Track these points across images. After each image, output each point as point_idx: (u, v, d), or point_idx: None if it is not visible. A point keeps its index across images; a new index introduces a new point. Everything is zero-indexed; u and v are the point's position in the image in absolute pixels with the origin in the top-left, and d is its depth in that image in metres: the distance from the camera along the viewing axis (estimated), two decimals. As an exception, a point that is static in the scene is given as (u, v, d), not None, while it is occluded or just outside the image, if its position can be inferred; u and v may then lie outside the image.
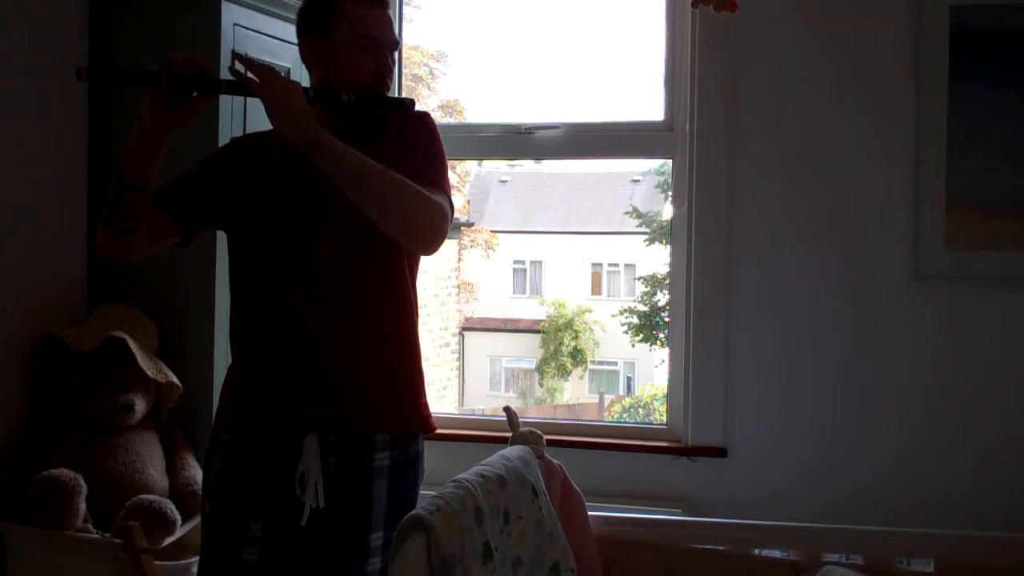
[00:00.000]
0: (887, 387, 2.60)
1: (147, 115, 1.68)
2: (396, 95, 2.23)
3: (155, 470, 2.51)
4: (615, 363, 12.94)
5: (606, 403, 11.65)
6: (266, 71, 1.68)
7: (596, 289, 13.70)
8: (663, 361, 10.16)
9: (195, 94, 1.70)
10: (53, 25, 2.61)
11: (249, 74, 1.68)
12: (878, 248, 2.61)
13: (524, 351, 13.12)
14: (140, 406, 2.52)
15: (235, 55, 1.75)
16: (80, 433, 2.49)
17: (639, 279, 12.14)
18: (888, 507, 2.53)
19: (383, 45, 1.84)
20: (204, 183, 1.88)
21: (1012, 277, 2.54)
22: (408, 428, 1.85)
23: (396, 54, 1.92)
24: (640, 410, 10.61)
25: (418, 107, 1.88)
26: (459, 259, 11.24)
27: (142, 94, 1.68)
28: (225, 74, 1.77)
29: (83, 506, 2.33)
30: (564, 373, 12.53)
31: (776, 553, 2.15)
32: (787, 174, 2.65)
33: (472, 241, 12.28)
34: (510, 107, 15.03)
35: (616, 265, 13.68)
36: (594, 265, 13.80)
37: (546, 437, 2.24)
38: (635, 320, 11.27)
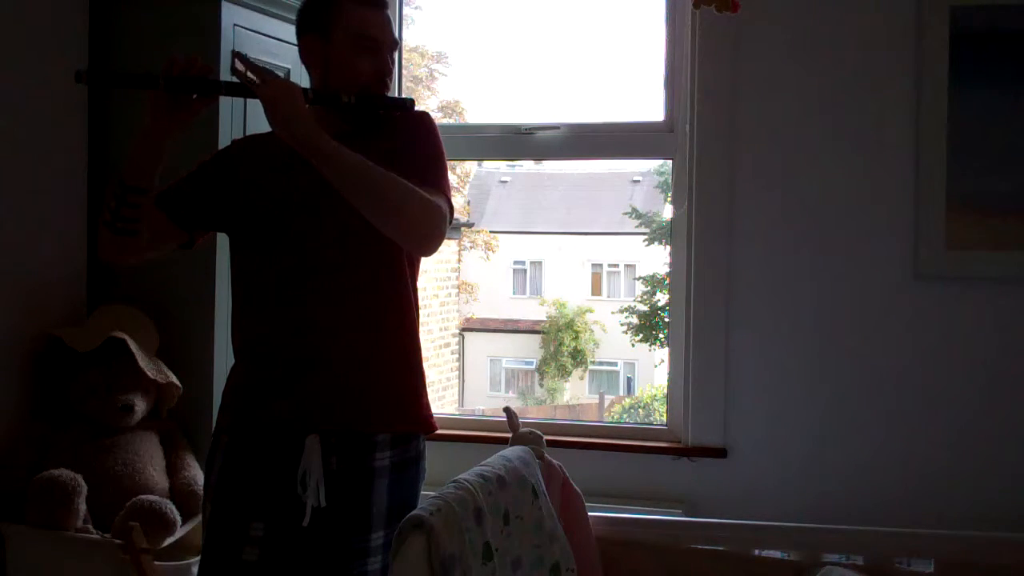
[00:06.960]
0: (887, 387, 2.60)
1: (147, 118, 1.69)
2: (396, 96, 2.23)
3: (155, 470, 2.51)
4: (615, 363, 12.94)
5: (606, 403, 11.65)
6: (265, 73, 1.68)
7: (596, 289, 13.71)
8: (663, 361, 10.16)
9: (195, 96, 1.70)
10: (53, 26, 2.61)
11: (249, 74, 1.68)
12: (878, 248, 2.61)
13: (524, 352, 13.12)
14: (140, 406, 2.52)
15: (235, 55, 1.75)
16: (80, 433, 2.48)
17: (639, 279, 12.14)
18: (888, 507, 2.53)
19: (383, 45, 1.84)
20: (205, 185, 1.88)
21: (1012, 277, 2.54)
22: (409, 428, 1.85)
23: (396, 54, 1.92)
24: (640, 410, 10.61)
25: (418, 108, 1.88)
26: (459, 260, 11.23)
27: (143, 96, 1.68)
28: (226, 75, 1.77)
29: (83, 506, 2.33)
30: (564, 373, 12.53)
31: (776, 553, 2.15)
32: (787, 174, 2.65)
33: (472, 242, 12.28)
34: (510, 107, 15.06)
35: (616, 265, 13.68)
36: (594, 265, 13.80)
37: (546, 437, 2.24)
38: (635, 320, 11.27)
